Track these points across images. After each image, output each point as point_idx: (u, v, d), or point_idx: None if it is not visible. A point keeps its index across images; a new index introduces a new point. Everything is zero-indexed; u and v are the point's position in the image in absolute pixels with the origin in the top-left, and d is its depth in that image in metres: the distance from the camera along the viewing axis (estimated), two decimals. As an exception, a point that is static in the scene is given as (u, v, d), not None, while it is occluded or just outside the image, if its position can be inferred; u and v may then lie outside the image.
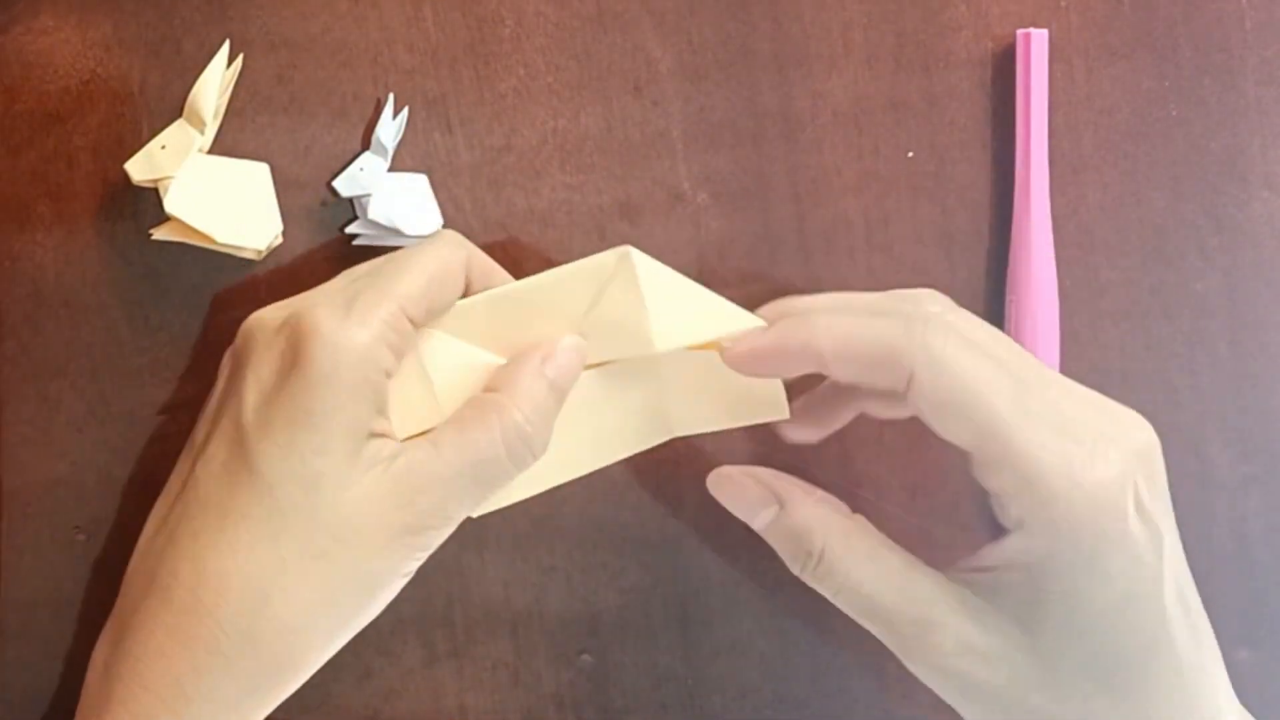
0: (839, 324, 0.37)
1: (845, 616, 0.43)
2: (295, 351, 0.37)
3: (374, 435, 0.37)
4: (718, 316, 0.39)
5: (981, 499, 0.39)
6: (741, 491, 0.39)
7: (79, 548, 0.44)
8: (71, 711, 0.43)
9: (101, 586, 0.44)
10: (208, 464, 0.38)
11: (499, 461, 0.38)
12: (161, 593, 0.37)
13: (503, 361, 0.40)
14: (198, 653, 0.36)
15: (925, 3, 0.46)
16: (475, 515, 0.40)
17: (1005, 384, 0.36)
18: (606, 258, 0.39)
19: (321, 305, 0.37)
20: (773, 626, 0.47)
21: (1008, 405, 0.35)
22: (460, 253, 0.40)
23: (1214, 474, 0.48)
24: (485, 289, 0.40)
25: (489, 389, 0.39)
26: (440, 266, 0.39)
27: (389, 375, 0.38)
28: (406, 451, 0.37)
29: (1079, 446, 0.35)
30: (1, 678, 0.44)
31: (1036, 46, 0.45)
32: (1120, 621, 0.35)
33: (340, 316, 0.37)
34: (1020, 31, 0.46)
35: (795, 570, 0.39)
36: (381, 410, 0.38)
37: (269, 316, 0.39)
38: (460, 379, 0.40)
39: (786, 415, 0.40)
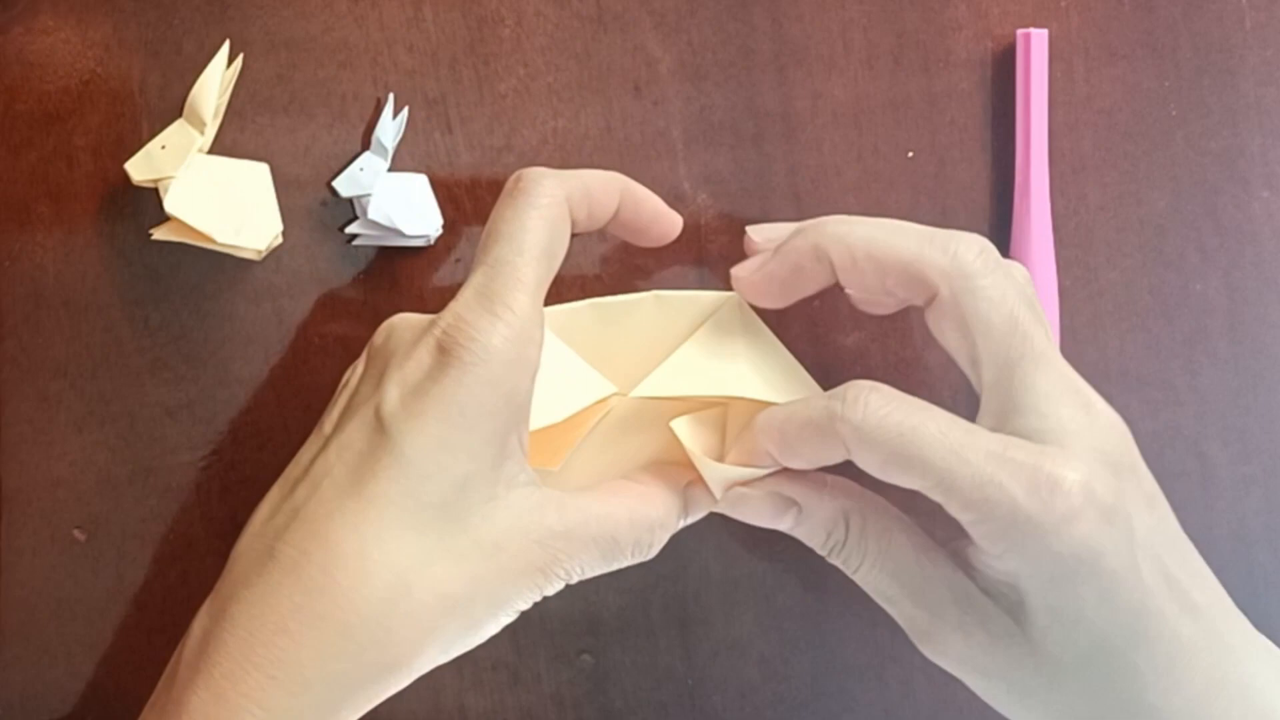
0: (869, 229, 0.39)
1: (845, 617, 0.43)
2: (449, 348, 0.35)
3: (514, 451, 0.36)
4: (791, 383, 0.40)
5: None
6: (758, 508, 0.39)
7: (79, 548, 0.44)
8: (71, 712, 0.43)
9: (101, 586, 0.44)
10: (343, 451, 0.36)
11: (622, 546, 0.38)
12: (286, 568, 0.34)
13: (595, 374, 0.40)
14: (325, 633, 0.34)
15: (925, 3, 0.46)
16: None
17: (944, 422, 0.36)
18: (713, 297, 0.40)
19: (469, 308, 0.36)
20: (773, 626, 0.47)
21: (952, 444, 0.35)
22: (559, 197, 0.38)
23: (1214, 474, 0.48)
24: (637, 213, 0.41)
25: (633, 479, 0.40)
26: (548, 234, 0.37)
27: (535, 374, 0.37)
28: (549, 491, 0.37)
29: (1031, 463, 0.35)
30: (1, 678, 0.44)
31: (1036, 46, 0.45)
32: (1101, 619, 0.36)
33: (490, 319, 0.35)
34: (1020, 31, 0.46)
35: (822, 553, 0.40)
36: (521, 427, 0.37)
37: (414, 316, 0.38)
38: (563, 387, 0.39)
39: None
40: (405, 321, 0.38)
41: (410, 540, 0.34)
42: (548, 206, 0.38)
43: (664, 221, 0.42)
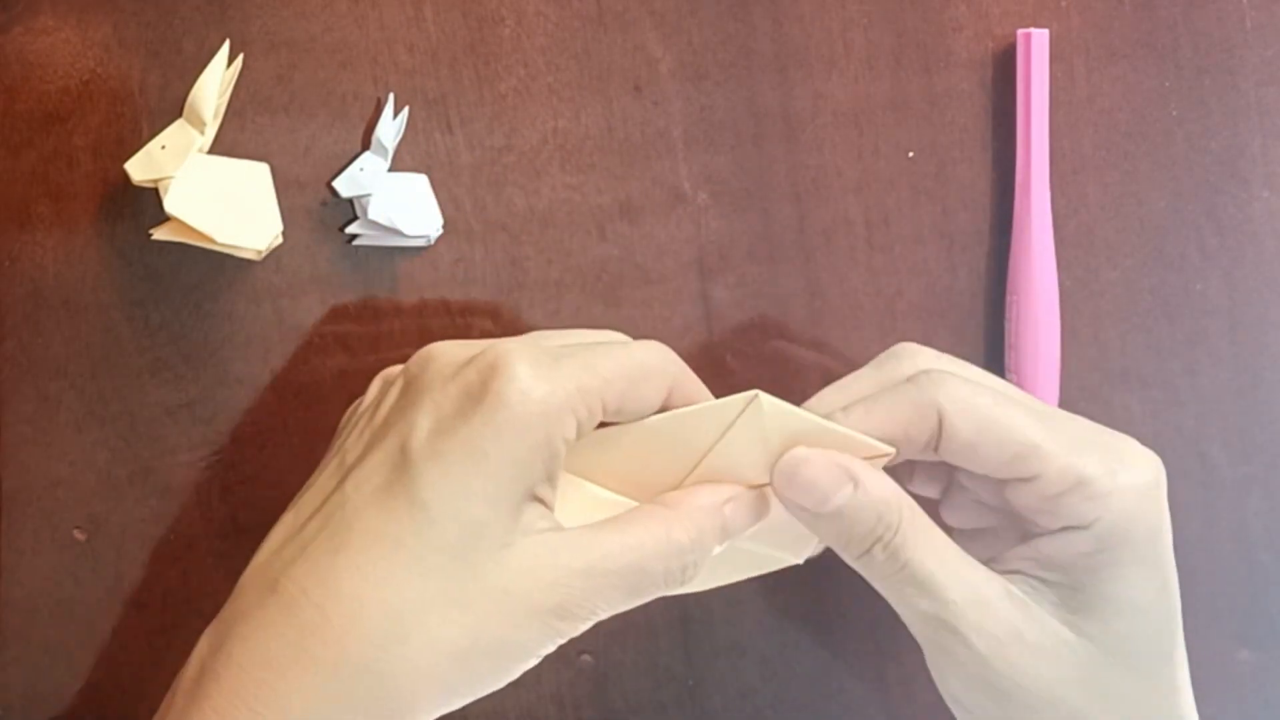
0: (859, 419, 0.37)
1: (846, 618, 0.43)
2: (485, 388, 0.34)
3: (537, 503, 0.35)
4: (843, 446, 0.38)
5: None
6: (821, 472, 0.37)
7: (79, 548, 0.44)
8: (71, 712, 0.43)
9: (101, 586, 0.44)
10: (361, 484, 0.35)
11: (653, 576, 0.36)
12: (284, 604, 0.34)
13: (623, 500, 0.38)
14: (315, 675, 0.33)
15: (925, 3, 0.46)
16: None
17: (1024, 410, 0.37)
18: (734, 402, 0.37)
19: (524, 350, 0.35)
20: (773, 627, 0.47)
21: (1037, 424, 0.37)
22: (670, 366, 0.37)
23: (1214, 474, 0.48)
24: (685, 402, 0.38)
25: (663, 502, 0.37)
26: (650, 368, 0.37)
27: (568, 446, 0.35)
28: (567, 533, 0.35)
29: (1108, 451, 0.37)
30: (1, 678, 0.44)
31: (1037, 46, 0.45)
32: (1158, 609, 0.37)
33: (543, 368, 0.34)
34: (1021, 31, 0.46)
35: (857, 552, 0.37)
36: (551, 479, 0.35)
37: (456, 346, 0.37)
38: (573, 507, 0.38)
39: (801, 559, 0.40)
40: (446, 351, 0.36)
41: (414, 584, 0.33)
42: (655, 362, 0.37)
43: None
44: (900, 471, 0.40)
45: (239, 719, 0.33)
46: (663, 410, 0.37)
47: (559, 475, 0.36)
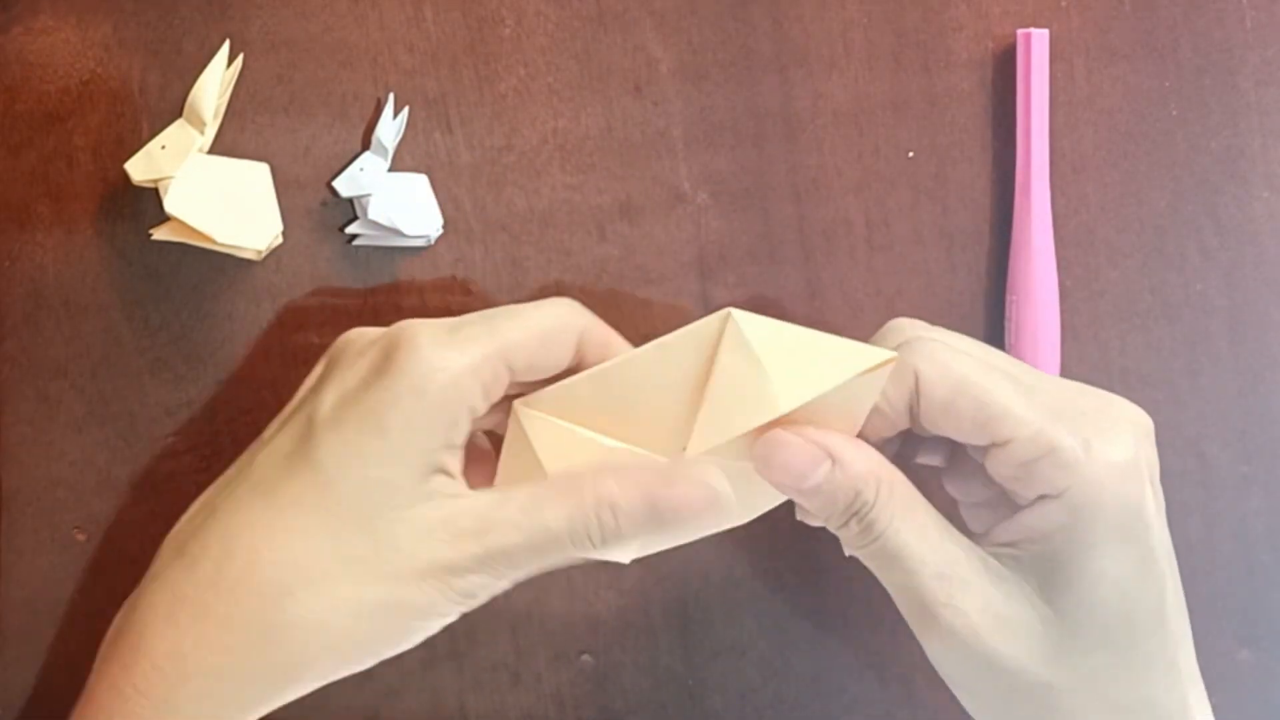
0: (973, 367, 0.37)
1: (846, 618, 0.43)
2: (386, 359, 0.35)
3: (440, 471, 0.36)
4: (840, 357, 0.37)
5: (953, 509, 0.40)
6: (796, 454, 0.37)
7: (79, 548, 0.44)
8: (70, 710, 0.43)
9: (101, 586, 0.44)
10: (270, 453, 0.37)
11: (558, 540, 0.36)
12: (186, 563, 0.36)
13: (613, 444, 0.38)
14: (207, 628, 0.35)
15: (925, 3, 0.46)
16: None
17: (1003, 376, 0.37)
18: (708, 323, 0.36)
19: (425, 324, 0.36)
20: (773, 626, 0.47)
21: (1014, 390, 0.37)
22: (576, 320, 0.38)
23: (1214, 474, 0.48)
24: (602, 359, 0.38)
25: (596, 469, 0.37)
26: (553, 325, 0.37)
27: (473, 414, 0.36)
28: (470, 495, 0.36)
29: (1090, 421, 0.36)
30: (1, 678, 0.44)
31: (1037, 46, 0.45)
32: (1136, 585, 0.36)
33: (441, 337, 0.35)
34: (1021, 31, 0.46)
35: (836, 524, 0.38)
36: (453, 446, 0.36)
37: (372, 329, 0.38)
38: (572, 460, 0.37)
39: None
40: (361, 334, 0.38)
41: (309, 543, 0.35)
42: (560, 316, 0.37)
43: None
44: (907, 441, 0.41)
45: (142, 672, 0.35)
46: (580, 367, 0.38)
47: (462, 443, 0.36)
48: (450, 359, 0.35)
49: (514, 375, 0.37)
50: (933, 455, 0.41)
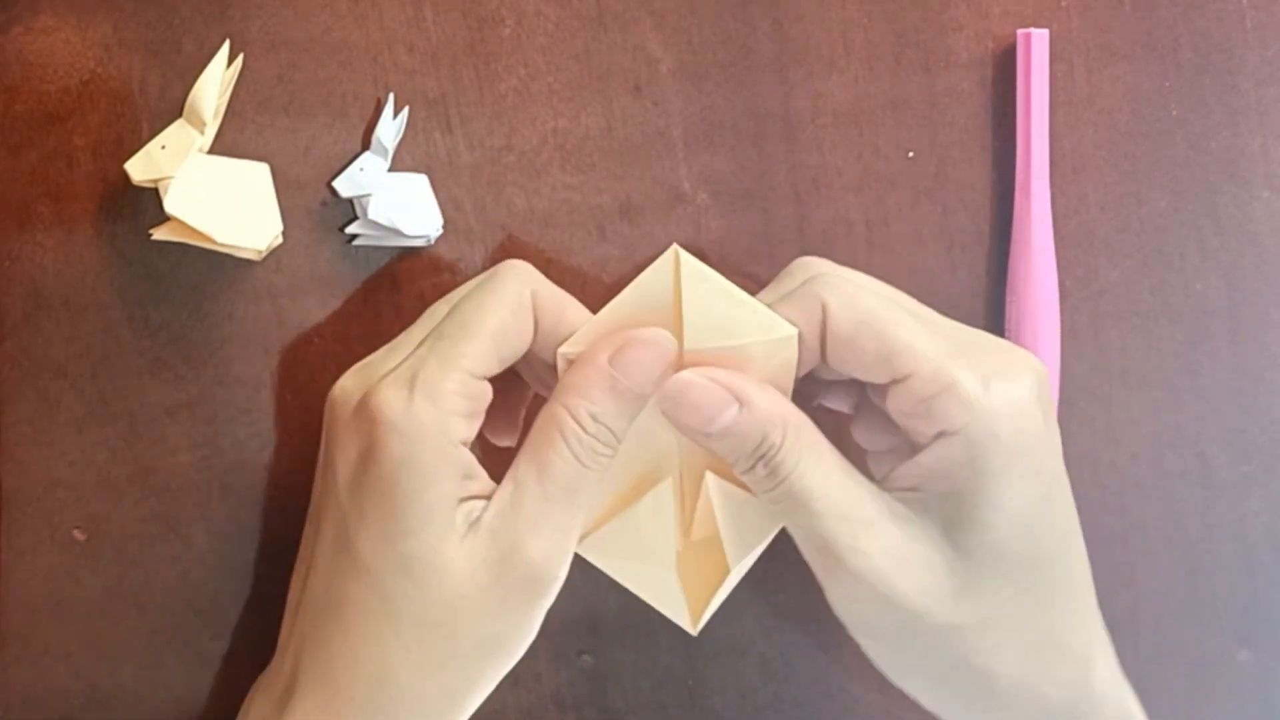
0: (877, 303, 0.38)
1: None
2: (370, 439, 0.37)
3: (464, 500, 0.37)
4: (751, 323, 0.39)
5: (860, 459, 0.41)
6: (705, 394, 0.37)
7: (79, 548, 0.44)
8: (71, 712, 0.43)
9: (101, 586, 0.44)
10: (322, 547, 0.39)
11: (579, 474, 0.37)
12: (310, 671, 0.38)
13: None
14: None
15: (925, 3, 0.46)
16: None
17: (907, 314, 0.38)
18: (662, 264, 0.39)
19: (388, 387, 0.37)
20: (773, 627, 0.47)
21: (916, 326, 0.37)
22: (525, 290, 0.39)
23: (1214, 474, 0.48)
24: (557, 320, 0.39)
25: (551, 397, 0.38)
26: (504, 317, 0.38)
27: (466, 443, 0.37)
28: (491, 503, 0.37)
29: (990, 361, 0.37)
30: (1, 678, 0.44)
31: (1037, 46, 0.45)
32: (1039, 520, 0.37)
33: (405, 399, 0.36)
34: (1021, 31, 0.46)
35: (743, 469, 0.38)
36: (469, 476, 0.37)
37: (349, 391, 0.39)
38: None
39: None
40: (341, 400, 0.39)
41: (381, 633, 0.37)
42: (508, 294, 0.38)
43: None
44: (812, 387, 0.41)
45: None
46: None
47: (470, 459, 0.38)
48: (423, 418, 0.36)
49: (496, 369, 0.38)
50: (840, 401, 0.42)
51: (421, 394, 0.36)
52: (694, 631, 0.41)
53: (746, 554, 0.40)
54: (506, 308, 0.38)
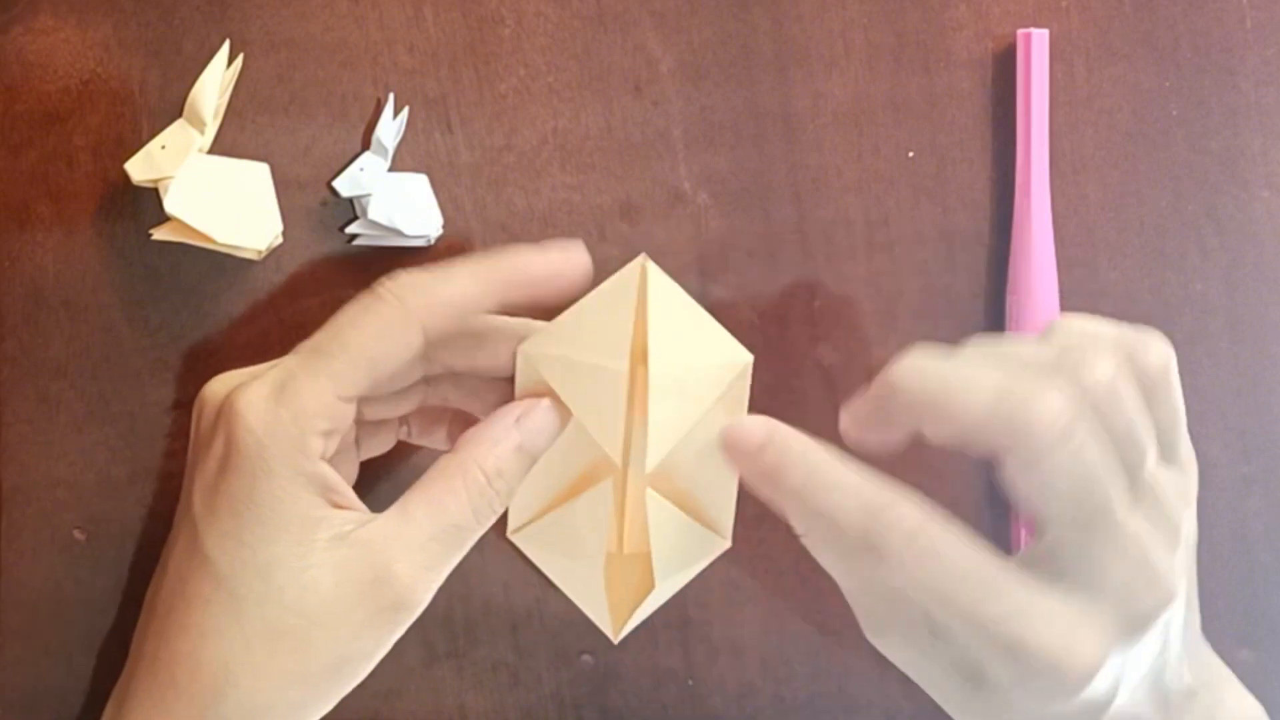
0: (946, 372, 0.35)
1: (845, 618, 0.43)
2: (228, 445, 0.37)
3: (326, 515, 0.37)
4: (711, 344, 0.39)
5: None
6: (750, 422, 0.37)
7: (79, 548, 0.44)
8: (71, 712, 0.43)
9: (101, 586, 0.44)
10: (174, 545, 0.39)
11: (467, 526, 0.38)
12: (148, 667, 0.38)
13: (612, 364, 0.38)
14: None
15: (926, 3, 0.46)
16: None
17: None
18: (628, 272, 0.39)
19: (252, 390, 0.37)
20: (773, 627, 0.47)
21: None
22: (406, 311, 0.37)
23: (1214, 474, 0.48)
24: (460, 327, 0.39)
25: (457, 448, 0.38)
26: (379, 342, 0.37)
27: (324, 457, 0.37)
28: (373, 524, 0.37)
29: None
30: (1, 678, 0.44)
31: (1037, 46, 0.45)
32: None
33: (269, 406, 0.36)
34: (1021, 31, 0.46)
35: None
36: (328, 487, 0.37)
37: (217, 392, 0.38)
38: (587, 389, 0.39)
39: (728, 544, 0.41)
40: (208, 399, 0.39)
41: (228, 633, 0.36)
42: (385, 315, 0.37)
43: (560, 280, 0.39)
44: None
45: None
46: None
47: (338, 487, 0.37)
48: (281, 429, 0.36)
49: (366, 393, 0.38)
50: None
51: (285, 406, 0.36)
52: (615, 639, 0.42)
53: (674, 574, 0.40)
54: (383, 329, 0.37)
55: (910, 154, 0.46)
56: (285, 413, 0.36)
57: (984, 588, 0.34)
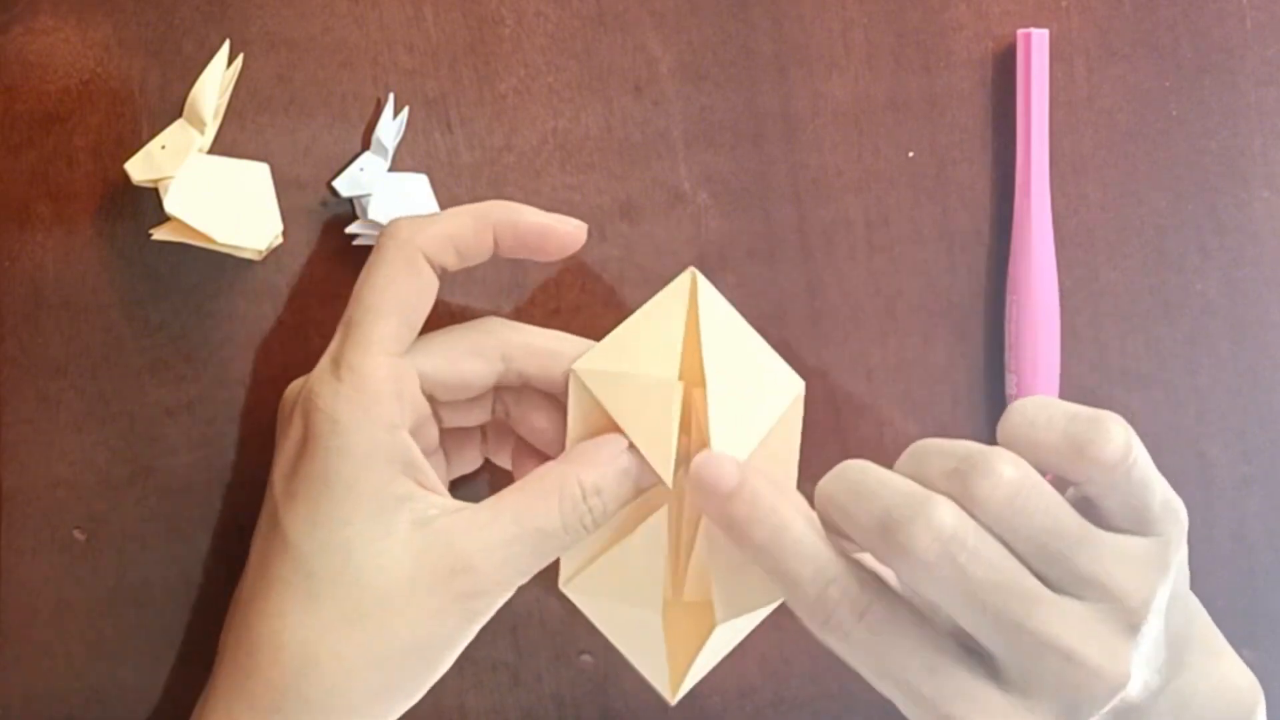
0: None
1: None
2: (304, 425, 0.38)
3: (409, 495, 0.37)
4: (763, 363, 0.39)
5: None
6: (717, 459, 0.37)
7: (79, 548, 0.44)
8: (71, 712, 0.43)
9: (101, 586, 0.44)
10: (256, 536, 0.40)
11: (555, 534, 0.38)
12: (231, 655, 0.39)
13: (662, 375, 0.39)
14: (260, 713, 0.37)
15: (925, 3, 0.46)
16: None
17: None
18: (679, 284, 0.39)
19: (313, 375, 0.38)
20: (773, 626, 0.47)
21: None
22: (410, 249, 0.39)
23: (1214, 474, 0.48)
24: (472, 247, 0.39)
25: (563, 459, 0.39)
26: (399, 286, 0.38)
27: (401, 427, 0.38)
28: (458, 514, 0.37)
29: None
30: (1, 678, 0.44)
31: (1037, 46, 0.45)
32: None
33: (333, 386, 0.37)
34: (1021, 31, 0.46)
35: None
36: (411, 464, 0.37)
37: (293, 387, 0.40)
38: (639, 407, 0.39)
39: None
40: (288, 394, 0.41)
41: (306, 616, 0.37)
42: (394, 261, 0.39)
43: (555, 237, 0.40)
44: None
45: None
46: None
47: (416, 465, 0.38)
48: (352, 403, 0.37)
49: (407, 342, 0.39)
50: None
51: (342, 380, 0.37)
52: (672, 701, 0.41)
53: (737, 614, 0.39)
54: (398, 276, 0.39)
55: (910, 154, 0.46)
56: (345, 386, 0.37)
57: (927, 671, 0.34)
